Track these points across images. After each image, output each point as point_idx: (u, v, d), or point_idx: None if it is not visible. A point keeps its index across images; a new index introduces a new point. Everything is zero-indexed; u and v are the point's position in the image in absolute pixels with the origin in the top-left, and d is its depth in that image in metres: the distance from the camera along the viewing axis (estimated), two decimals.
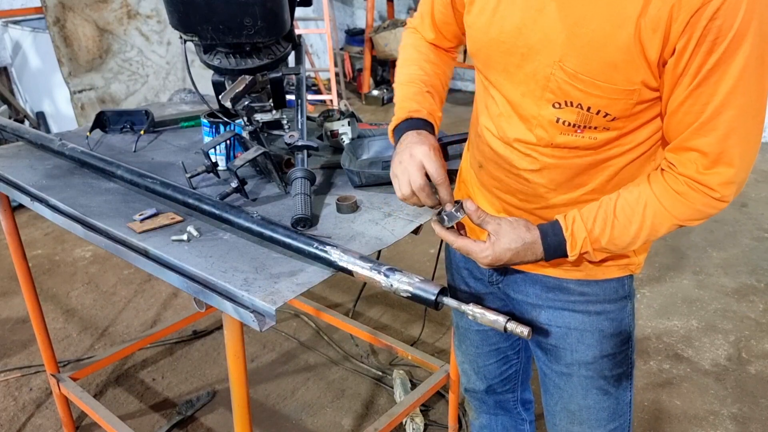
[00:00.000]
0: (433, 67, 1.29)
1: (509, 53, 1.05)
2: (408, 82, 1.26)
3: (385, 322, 2.93)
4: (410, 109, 1.20)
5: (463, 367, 1.57)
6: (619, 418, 1.32)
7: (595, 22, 0.93)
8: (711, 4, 0.85)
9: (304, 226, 1.38)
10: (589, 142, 1.05)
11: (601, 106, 0.99)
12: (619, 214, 1.05)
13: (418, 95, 1.23)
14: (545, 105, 1.04)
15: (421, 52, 1.31)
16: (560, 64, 0.98)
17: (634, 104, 0.99)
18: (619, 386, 1.29)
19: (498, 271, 1.29)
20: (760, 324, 2.84)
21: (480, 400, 1.61)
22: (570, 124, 1.03)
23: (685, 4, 0.86)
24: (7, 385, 2.53)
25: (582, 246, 1.06)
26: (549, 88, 1.01)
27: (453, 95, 6.61)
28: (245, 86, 1.56)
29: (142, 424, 2.32)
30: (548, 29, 0.98)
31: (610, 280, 1.21)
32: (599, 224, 1.05)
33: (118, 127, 1.99)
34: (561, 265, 1.21)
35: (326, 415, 2.37)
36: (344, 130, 1.82)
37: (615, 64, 0.94)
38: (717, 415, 2.33)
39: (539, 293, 1.25)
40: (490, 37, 1.07)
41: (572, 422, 1.33)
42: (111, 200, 1.54)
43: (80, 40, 3.97)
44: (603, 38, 0.93)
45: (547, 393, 1.36)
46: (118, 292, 3.17)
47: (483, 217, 1.08)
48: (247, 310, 1.14)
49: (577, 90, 0.99)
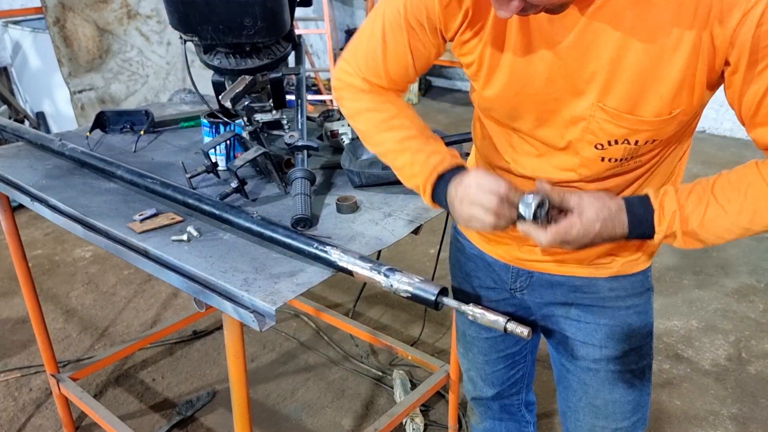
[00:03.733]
0: (408, 114, 1.18)
1: (541, 102, 1.02)
2: (401, 143, 1.15)
3: (385, 322, 2.93)
4: (433, 167, 1.10)
5: (470, 374, 1.55)
6: (641, 410, 1.32)
7: (633, 56, 0.91)
8: (752, 14, 0.83)
9: (304, 227, 1.38)
10: (635, 166, 1.05)
11: (648, 137, 0.98)
12: (718, 192, 0.95)
13: (425, 148, 1.12)
14: (587, 147, 1.02)
15: (387, 107, 1.17)
16: (600, 105, 0.96)
17: (681, 124, 0.98)
18: (643, 378, 1.28)
19: (522, 277, 1.27)
20: (760, 324, 2.84)
21: (486, 407, 1.59)
22: (616, 159, 1.02)
23: (724, 22, 0.84)
24: (7, 385, 2.53)
25: (670, 222, 0.96)
26: (590, 130, 1.00)
27: (453, 95, 6.62)
28: (245, 86, 1.56)
29: (142, 424, 2.31)
30: (582, 72, 0.95)
31: (636, 274, 1.21)
32: (693, 200, 0.96)
33: (118, 127, 1.99)
34: (591, 263, 1.19)
35: (326, 415, 2.37)
36: (344, 130, 1.82)
37: (660, 95, 0.92)
38: (717, 415, 2.33)
39: (566, 293, 1.24)
40: (515, 91, 1.03)
41: (597, 417, 1.31)
42: (111, 200, 1.54)
43: (80, 40, 3.97)
44: (644, 73, 0.91)
45: (569, 389, 1.34)
46: (118, 293, 3.17)
47: (562, 193, 0.99)
48: (247, 310, 1.14)
49: (622, 128, 0.97)
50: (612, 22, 0.90)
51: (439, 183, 1.10)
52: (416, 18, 1.06)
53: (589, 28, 0.92)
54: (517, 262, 1.26)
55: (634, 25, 0.89)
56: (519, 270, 1.26)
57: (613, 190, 1.09)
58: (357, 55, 1.17)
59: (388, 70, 1.15)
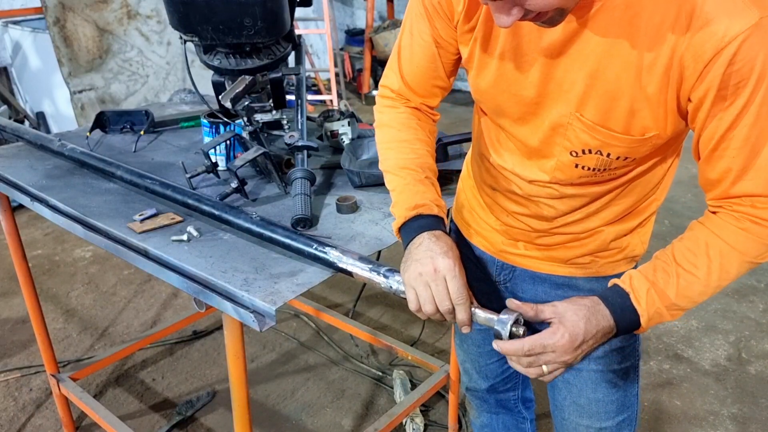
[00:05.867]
0: (423, 145, 1.17)
1: (523, 104, 1.03)
2: (402, 168, 1.14)
3: (385, 322, 2.93)
4: (416, 204, 1.08)
5: (465, 366, 1.57)
6: (627, 410, 1.32)
7: (611, 72, 0.91)
8: (725, 53, 0.82)
9: (304, 227, 1.38)
10: (609, 177, 1.06)
11: (620, 153, 0.98)
12: (681, 261, 0.96)
13: (419, 184, 1.11)
14: (563, 152, 1.03)
15: (407, 129, 1.17)
16: (577, 114, 0.97)
17: (655, 147, 0.98)
18: (627, 379, 1.29)
19: (506, 270, 1.29)
20: (760, 324, 2.84)
21: (481, 399, 1.61)
22: (590, 168, 1.03)
23: (696, 54, 0.84)
24: (7, 385, 2.53)
25: (648, 300, 0.96)
26: (567, 137, 1.00)
27: (453, 95, 6.61)
28: (245, 86, 1.56)
29: (142, 425, 2.31)
30: (563, 80, 0.96)
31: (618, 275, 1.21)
32: (661, 275, 0.96)
33: (118, 127, 1.99)
34: (570, 263, 1.21)
35: (326, 415, 2.37)
36: (344, 131, 1.82)
37: (633, 113, 0.92)
38: (717, 415, 2.33)
39: (548, 290, 1.25)
40: (500, 89, 1.04)
41: (581, 415, 1.33)
42: (111, 200, 1.54)
43: (80, 41, 3.97)
44: (620, 88, 0.92)
45: (555, 388, 1.36)
46: (118, 293, 3.17)
47: (535, 307, 0.99)
48: (247, 310, 1.14)
49: (596, 140, 0.97)
50: (599, 33, 0.91)
51: (412, 224, 1.08)
52: (432, 3, 1.07)
53: (578, 37, 0.92)
54: (501, 255, 1.27)
55: (618, 40, 0.90)
56: (503, 263, 1.28)
57: (588, 197, 1.10)
58: (393, 58, 1.18)
59: (418, 65, 1.14)
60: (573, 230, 1.16)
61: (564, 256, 1.20)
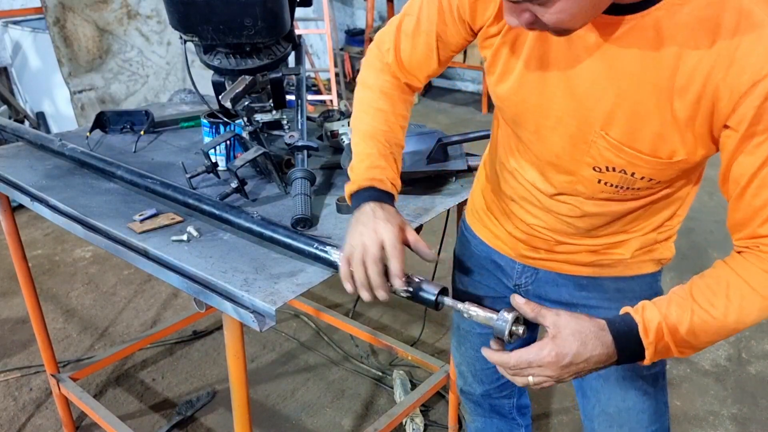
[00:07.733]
0: (397, 119, 1.19)
1: (543, 117, 1.01)
2: (371, 137, 1.16)
3: (385, 322, 2.93)
4: (372, 177, 1.12)
5: (461, 369, 1.56)
6: (659, 420, 1.28)
7: (641, 94, 0.90)
8: (760, 86, 0.80)
9: (304, 227, 1.38)
10: (632, 197, 1.04)
11: (645, 174, 0.97)
12: (698, 297, 0.91)
13: (381, 159, 1.14)
14: (585, 167, 1.02)
15: (386, 99, 1.19)
16: (602, 132, 0.95)
17: (681, 170, 0.97)
18: (656, 386, 1.26)
19: (528, 273, 1.27)
20: (760, 324, 2.83)
21: (475, 403, 1.60)
22: (612, 185, 1.01)
23: (731, 86, 0.83)
24: (7, 385, 2.53)
25: (657, 333, 0.91)
26: (590, 154, 0.99)
27: (453, 95, 6.62)
28: (245, 86, 1.56)
29: (142, 424, 2.31)
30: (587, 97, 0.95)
31: (644, 276, 1.20)
32: (675, 309, 0.92)
33: (118, 127, 1.99)
34: (595, 264, 1.19)
35: (326, 415, 2.37)
36: (344, 131, 1.82)
37: (662, 136, 0.91)
38: (717, 415, 2.33)
39: (572, 292, 1.24)
40: (521, 97, 1.03)
41: (611, 425, 1.29)
42: (111, 200, 1.54)
43: (80, 41, 3.96)
44: (649, 111, 0.90)
45: (584, 397, 1.33)
46: (118, 293, 3.17)
47: (537, 309, 0.96)
48: (247, 310, 1.14)
49: (621, 159, 0.96)
50: (629, 53, 0.89)
51: (363, 193, 1.11)
52: (450, 4, 1.07)
53: (606, 55, 0.91)
54: (522, 259, 1.26)
55: (649, 62, 0.88)
56: (524, 266, 1.27)
57: (608, 216, 1.09)
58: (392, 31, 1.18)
59: (413, 52, 1.16)
60: (594, 243, 1.15)
61: (587, 260, 1.19)
